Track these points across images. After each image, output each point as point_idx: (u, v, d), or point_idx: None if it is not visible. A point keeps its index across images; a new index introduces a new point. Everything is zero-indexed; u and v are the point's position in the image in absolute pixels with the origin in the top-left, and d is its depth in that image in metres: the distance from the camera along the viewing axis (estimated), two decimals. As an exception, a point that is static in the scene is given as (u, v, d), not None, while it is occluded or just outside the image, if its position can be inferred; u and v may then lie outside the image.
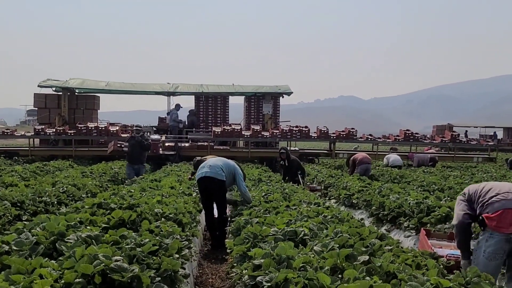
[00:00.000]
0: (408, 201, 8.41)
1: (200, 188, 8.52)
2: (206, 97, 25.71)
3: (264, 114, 25.20)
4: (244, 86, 26.54)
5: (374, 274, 3.71)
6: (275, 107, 25.54)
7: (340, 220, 6.23)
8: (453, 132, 27.92)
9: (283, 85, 26.13)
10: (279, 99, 25.67)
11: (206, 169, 8.45)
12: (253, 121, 25.33)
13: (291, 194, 8.98)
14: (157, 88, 25.95)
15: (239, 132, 22.53)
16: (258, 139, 22.86)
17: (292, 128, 23.16)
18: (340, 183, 12.73)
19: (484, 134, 54.72)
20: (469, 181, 13.72)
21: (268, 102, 25.27)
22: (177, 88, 25.74)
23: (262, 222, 5.89)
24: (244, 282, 4.06)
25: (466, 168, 20.93)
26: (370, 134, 25.98)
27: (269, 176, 13.87)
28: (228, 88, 26.19)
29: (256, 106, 25.67)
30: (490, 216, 4.63)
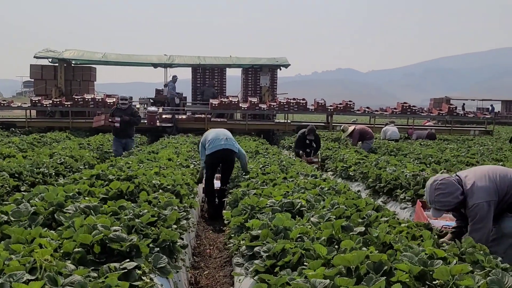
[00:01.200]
0: (404, 174, 8.45)
1: (213, 159, 8.59)
2: (203, 69, 25.60)
3: (262, 87, 25.10)
4: (242, 58, 26.40)
5: (371, 244, 3.75)
6: (272, 79, 25.44)
7: (337, 192, 6.27)
8: (450, 105, 27.90)
9: (280, 57, 25.98)
10: (276, 71, 25.56)
11: (223, 141, 8.59)
12: (250, 93, 25.26)
13: (288, 166, 9.01)
14: (154, 60, 25.78)
15: (237, 104, 22.47)
16: (256, 112, 22.82)
17: (290, 101, 23.11)
18: (337, 155, 12.76)
19: (481, 107, 54.74)
20: (466, 154, 13.78)
21: (265, 75, 25.16)
22: (174, 60, 25.59)
23: (259, 194, 5.94)
24: (241, 252, 4.11)
25: (462, 141, 20.99)
26: (368, 107, 25.95)
27: (266, 148, 13.90)
28: (225, 60, 26.05)
29: (254, 79, 25.57)
30: None
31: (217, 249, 6.54)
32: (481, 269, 3.20)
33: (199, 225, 7.84)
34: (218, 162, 8.71)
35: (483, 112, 37.79)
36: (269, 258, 3.55)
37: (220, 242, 6.77)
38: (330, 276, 2.93)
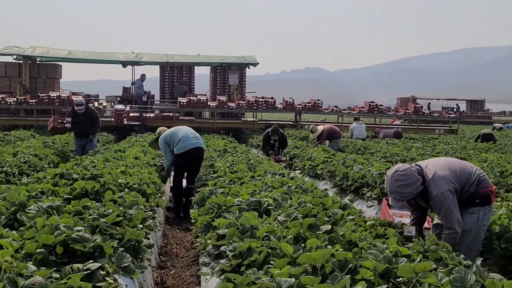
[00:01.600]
0: (371, 172, 8.52)
1: (186, 158, 8.40)
2: (171, 67, 25.45)
3: (230, 85, 25.08)
4: (210, 57, 26.34)
5: (337, 243, 3.77)
6: (241, 78, 25.44)
7: (304, 190, 6.29)
8: (416, 104, 28.34)
9: (249, 56, 26.02)
10: (245, 70, 25.58)
11: (194, 139, 8.49)
12: (219, 91, 25.19)
13: (256, 165, 9.01)
14: (121, 58, 25.52)
15: (205, 103, 22.40)
16: (224, 110, 22.81)
17: (258, 99, 23.14)
18: (305, 154, 12.81)
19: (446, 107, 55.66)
20: (431, 152, 13.98)
21: (234, 73, 25.15)
22: (141, 57, 25.38)
23: (226, 193, 5.91)
24: (208, 251, 4.09)
25: (428, 139, 21.31)
26: (336, 105, 26.15)
27: (235, 147, 13.88)
28: (194, 58, 25.95)
29: (222, 77, 25.53)
30: (492, 190, 4.63)
31: (184, 249, 6.50)
32: (445, 266, 3.24)
33: (166, 224, 7.78)
34: (189, 161, 8.51)
35: (448, 111, 38.48)
36: (235, 257, 3.54)
37: (187, 241, 6.73)
38: (296, 275, 2.93)
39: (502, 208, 5.62)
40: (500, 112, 62.71)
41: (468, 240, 4.52)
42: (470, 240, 4.53)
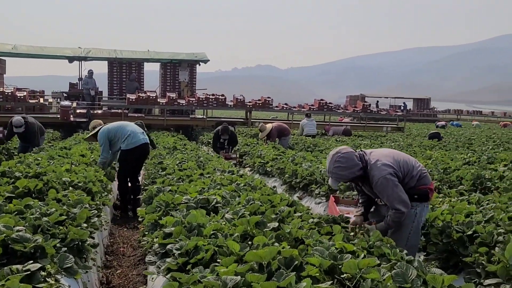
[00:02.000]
0: (319, 169, 8.62)
1: (135, 154, 8.27)
2: (120, 63, 25.03)
3: (181, 82, 24.90)
4: (160, 53, 26.06)
5: (283, 240, 3.79)
6: (191, 74, 25.30)
7: (253, 188, 6.30)
8: (364, 102, 28.84)
9: (200, 52, 25.88)
10: (195, 66, 25.44)
11: (143, 135, 8.37)
12: (169, 88, 24.97)
13: (206, 162, 8.97)
14: (68, 53, 24.94)
15: (155, 99, 22.15)
16: (174, 107, 22.62)
17: (209, 96, 23.06)
18: (255, 151, 12.84)
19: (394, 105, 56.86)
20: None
21: (184, 70, 24.98)
22: (89, 53, 24.87)
23: (174, 191, 5.86)
24: (154, 250, 4.04)
25: (376, 137, 21.71)
26: (286, 103, 26.32)
27: (185, 144, 13.79)
28: (143, 54, 25.63)
29: (172, 74, 25.31)
30: (431, 188, 4.73)
31: (131, 247, 6.40)
32: (388, 262, 3.30)
33: (113, 223, 7.65)
34: (137, 157, 8.38)
35: (395, 109, 39.31)
36: (181, 256, 3.51)
37: (134, 240, 6.64)
38: (242, 273, 2.92)
39: (444, 204, 5.78)
40: (445, 110, 64.56)
41: (407, 235, 4.60)
42: (409, 235, 4.61)
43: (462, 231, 4.60)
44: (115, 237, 6.87)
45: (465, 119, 53.37)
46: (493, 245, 4.14)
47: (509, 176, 8.16)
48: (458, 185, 8.03)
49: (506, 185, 7.53)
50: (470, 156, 12.12)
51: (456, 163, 10.19)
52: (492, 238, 4.24)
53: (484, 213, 5.09)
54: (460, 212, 5.24)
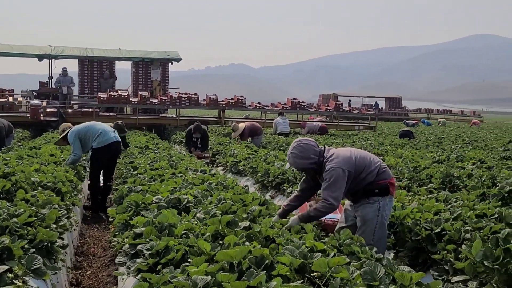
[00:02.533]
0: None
1: (107, 152, 8.29)
2: (91, 61, 24.74)
3: (153, 81, 24.73)
4: (132, 51, 25.86)
5: (254, 239, 3.80)
6: (164, 73, 25.16)
7: (225, 187, 6.29)
8: (337, 101, 29.00)
9: (172, 51, 25.74)
10: (168, 65, 25.31)
11: (113, 133, 8.41)
12: (141, 87, 24.76)
13: (178, 162, 8.93)
14: (38, 51, 24.56)
15: (126, 98, 21.93)
16: (146, 106, 22.41)
17: (181, 95, 22.93)
18: (227, 150, 12.83)
19: (366, 104, 57.38)
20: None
21: (156, 68, 24.83)
22: (59, 51, 24.52)
23: (146, 190, 5.81)
24: (125, 250, 4.01)
25: (348, 136, 21.86)
26: (259, 102, 26.35)
27: (157, 143, 13.71)
28: (114, 52, 25.39)
29: (145, 72, 25.13)
30: (391, 182, 4.86)
31: (102, 248, 6.34)
32: (357, 260, 3.34)
33: (84, 223, 7.57)
34: (109, 156, 8.40)
35: (367, 108, 39.65)
36: (152, 256, 3.49)
37: (105, 241, 6.58)
38: (212, 272, 2.92)
39: (414, 202, 5.86)
40: (416, 109, 65.41)
41: (373, 229, 4.71)
42: (375, 229, 4.72)
43: (430, 229, 4.67)
44: (85, 238, 6.79)
45: (435, 117, 54.11)
46: (461, 243, 4.21)
47: (477, 174, 8.31)
48: (427, 184, 8.15)
49: (474, 183, 7.67)
50: (440, 155, 12.32)
51: (426, 161, 10.34)
52: (460, 236, 4.32)
53: (452, 211, 5.17)
54: (429, 210, 5.32)
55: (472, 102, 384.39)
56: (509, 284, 3.51)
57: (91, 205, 8.50)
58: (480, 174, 8.31)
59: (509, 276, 3.48)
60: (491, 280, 3.56)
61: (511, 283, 3.47)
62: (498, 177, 7.90)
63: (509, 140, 19.76)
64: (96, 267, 5.59)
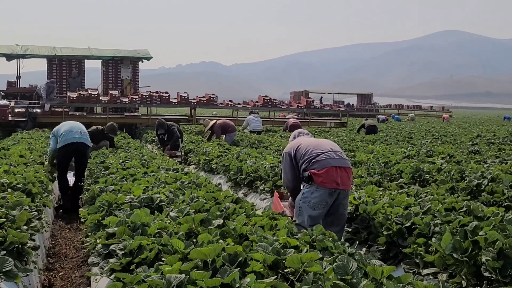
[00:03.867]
0: (264, 165, 8.69)
1: (66, 152, 8.48)
2: (60, 60, 24.43)
3: (123, 79, 24.52)
4: (101, 50, 25.61)
5: (228, 237, 3.80)
6: (134, 72, 24.97)
7: (197, 185, 6.29)
8: (308, 98, 29.18)
9: (142, 49, 25.58)
10: (138, 64, 25.12)
11: (77, 134, 8.50)
12: (111, 86, 24.53)
13: (150, 161, 8.88)
14: (5, 50, 24.11)
15: (96, 97, 21.70)
16: (117, 105, 22.22)
17: (152, 94, 22.79)
18: (200, 148, 12.81)
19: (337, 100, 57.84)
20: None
21: (127, 67, 24.63)
22: (27, 50, 24.12)
23: (118, 190, 5.77)
24: (98, 251, 3.98)
25: (320, 132, 22.00)
26: (230, 100, 26.35)
27: (128, 142, 13.61)
28: (83, 51, 25.10)
29: (115, 71, 24.90)
30: (317, 173, 5.22)
31: (74, 249, 6.28)
32: (330, 255, 3.37)
33: (55, 224, 7.48)
34: (70, 155, 8.60)
35: (338, 105, 39.95)
36: (125, 256, 3.47)
37: (77, 242, 6.51)
38: (186, 271, 2.92)
39: (385, 197, 5.94)
40: (386, 105, 66.21)
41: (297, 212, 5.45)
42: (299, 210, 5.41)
43: (401, 223, 4.75)
44: (57, 239, 6.71)
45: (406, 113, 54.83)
46: (431, 236, 4.29)
47: (446, 169, 8.46)
48: (398, 179, 8.27)
49: (444, 177, 7.82)
50: (410, 150, 12.50)
51: (397, 157, 10.49)
52: (429, 229, 4.40)
53: (422, 205, 5.27)
54: (399, 204, 5.41)
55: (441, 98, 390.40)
56: (478, 275, 3.59)
57: (62, 204, 8.46)
58: (449, 168, 8.45)
59: (478, 267, 3.57)
60: (460, 272, 3.64)
61: (479, 274, 3.55)
62: (466, 171, 8.07)
63: (477, 134, 20.17)
64: (68, 268, 5.54)
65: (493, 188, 6.72)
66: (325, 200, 5.25)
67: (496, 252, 3.50)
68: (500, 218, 4.45)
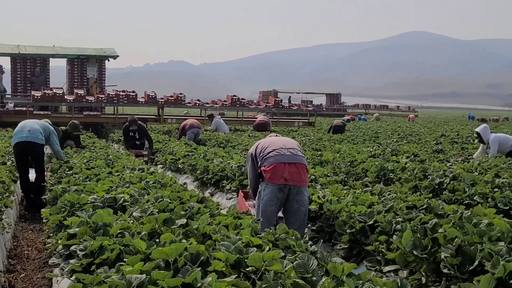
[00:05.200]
0: (230, 165, 8.69)
1: (17, 153, 8.34)
2: (24, 58, 23.95)
3: (89, 78, 24.21)
4: (66, 48, 25.22)
5: (192, 236, 3.80)
6: (100, 70, 24.67)
7: (162, 185, 6.26)
8: (276, 98, 29.27)
9: (109, 48, 25.30)
10: (104, 62, 24.82)
11: (25, 133, 8.26)
12: (77, 85, 24.16)
13: (115, 161, 8.80)
14: (-34, 48, 23.60)
15: (62, 96, 21.34)
16: (83, 104, 21.91)
17: (119, 93, 22.55)
18: (167, 148, 12.74)
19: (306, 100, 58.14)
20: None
21: (92, 66, 24.32)
22: (-12, 48, 23.64)
23: (81, 190, 5.71)
24: (59, 252, 3.93)
25: (288, 132, 22.06)
26: (198, 99, 26.25)
27: (94, 142, 13.45)
28: (48, 49, 24.69)
29: (80, 70, 24.55)
30: (266, 169, 5.39)
31: (36, 250, 6.17)
32: (293, 254, 3.39)
33: (18, 225, 7.34)
34: (21, 155, 8.37)
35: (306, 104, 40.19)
36: (86, 257, 3.44)
37: (40, 243, 6.40)
38: (147, 271, 2.91)
39: (349, 196, 6.00)
40: (354, 105, 66.84)
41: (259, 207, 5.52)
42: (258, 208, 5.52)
43: (364, 221, 4.81)
44: (19, 240, 6.59)
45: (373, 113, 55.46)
46: (392, 234, 4.35)
47: (410, 168, 8.58)
48: (363, 177, 8.36)
49: (407, 176, 7.93)
50: (376, 149, 12.65)
51: (362, 156, 10.59)
52: (391, 227, 4.46)
53: (385, 203, 5.34)
54: (363, 203, 5.47)
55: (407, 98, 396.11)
56: (437, 272, 3.66)
57: (25, 204, 8.35)
58: (413, 167, 8.58)
59: (437, 264, 3.63)
60: (420, 269, 3.71)
61: (439, 271, 3.61)
62: (429, 170, 8.21)
63: (441, 134, 20.53)
64: (30, 269, 5.44)
65: (454, 186, 6.86)
66: (276, 196, 5.37)
67: (454, 249, 3.57)
68: (459, 216, 4.54)
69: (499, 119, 46.06)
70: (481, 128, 11.51)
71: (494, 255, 3.33)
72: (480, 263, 3.39)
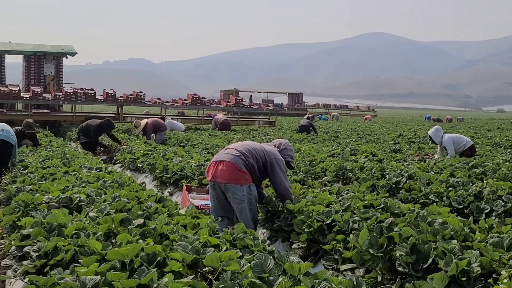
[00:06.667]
0: (190, 164, 8.64)
1: None
2: (-22, 54, 23.36)
3: (46, 75, 23.73)
4: (23, 45, 24.70)
5: (149, 236, 3.77)
6: (58, 68, 24.26)
7: (120, 184, 6.18)
8: (237, 97, 29.28)
9: (66, 45, 24.87)
10: (62, 59, 24.42)
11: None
12: (33, 82, 23.71)
13: (72, 159, 8.64)
14: None
15: (18, 94, 20.87)
16: (39, 102, 21.46)
17: (77, 91, 22.18)
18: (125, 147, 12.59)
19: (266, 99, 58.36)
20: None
21: (50, 63, 23.87)
22: None
23: (36, 190, 5.58)
24: (12, 253, 3.84)
25: (248, 131, 22.10)
26: (158, 97, 26.04)
27: (50, 141, 13.20)
28: (4, 46, 24.12)
29: (37, 67, 24.08)
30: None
31: (-12, 252, 6.01)
32: (250, 253, 3.40)
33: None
34: None
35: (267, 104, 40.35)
36: (39, 258, 3.37)
37: (-7, 244, 6.23)
38: (102, 272, 2.87)
39: (308, 195, 6.05)
40: (315, 104, 67.48)
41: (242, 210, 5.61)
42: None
43: (322, 220, 4.84)
44: (-29, 242, 6.41)
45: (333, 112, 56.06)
46: (349, 232, 4.40)
47: (368, 167, 8.70)
48: (322, 177, 8.42)
49: (365, 175, 8.04)
50: (335, 149, 12.77)
51: (322, 155, 10.68)
52: (348, 226, 4.51)
53: (343, 203, 5.39)
54: (321, 202, 5.51)
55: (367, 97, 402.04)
56: (393, 270, 3.72)
57: None
58: (371, 166, 8.70)
59: (392, 262, 3.69)
60: (376, 267, 3.76)
61: (394, 269, 3.68)
62: (387, 169, 8.34)
63: (399, 134, 20.90)
64: (-18, 272, 5.30)
65: (410, 185, 6.99)
66: (211, 193, 5.74)
67: (409, 248, 3.63)
68: (415, 215, 4.63)
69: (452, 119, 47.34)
70: (432, 131, 11.80)
71: (447, 253, 3.40)
72: (434, 261, 3.46)
